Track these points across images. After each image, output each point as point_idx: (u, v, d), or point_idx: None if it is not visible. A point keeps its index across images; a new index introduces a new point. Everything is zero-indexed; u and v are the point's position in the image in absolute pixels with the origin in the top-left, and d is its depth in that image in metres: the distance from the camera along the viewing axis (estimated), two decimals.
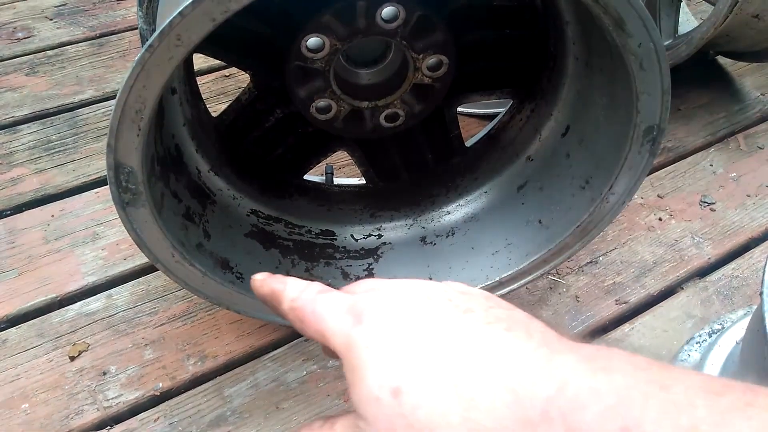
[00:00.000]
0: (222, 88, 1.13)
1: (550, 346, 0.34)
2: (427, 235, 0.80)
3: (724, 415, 0.28)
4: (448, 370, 0.34)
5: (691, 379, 0.30)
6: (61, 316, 0.78)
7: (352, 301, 0.40)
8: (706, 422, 0.28)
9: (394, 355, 0.36)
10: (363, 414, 0.36)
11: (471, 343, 0.35)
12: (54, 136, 1.03)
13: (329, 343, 0.39)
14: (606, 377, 0.31)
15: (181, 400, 0.71)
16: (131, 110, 0.48)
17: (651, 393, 0.30)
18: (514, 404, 0.32)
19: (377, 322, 0.38)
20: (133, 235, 0.56)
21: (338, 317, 0.39)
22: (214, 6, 0.44)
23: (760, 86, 1.18)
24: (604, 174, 0.66)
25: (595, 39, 0.62)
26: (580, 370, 0.32)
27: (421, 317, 0.37)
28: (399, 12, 0.62)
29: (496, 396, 0.33)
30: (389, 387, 0.35)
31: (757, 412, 0.28)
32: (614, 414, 0.30)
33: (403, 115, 0.72)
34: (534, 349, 0.34)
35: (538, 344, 0.34)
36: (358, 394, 0.36)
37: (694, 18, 1.20)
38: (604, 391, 0.31)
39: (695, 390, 0.30)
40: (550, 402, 0.31)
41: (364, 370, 0.36)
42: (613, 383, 0.31)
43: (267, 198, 0.76)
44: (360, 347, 0.37)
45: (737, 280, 0.86)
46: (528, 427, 0.32)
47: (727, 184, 0.99)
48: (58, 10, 1.30)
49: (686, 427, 0.28)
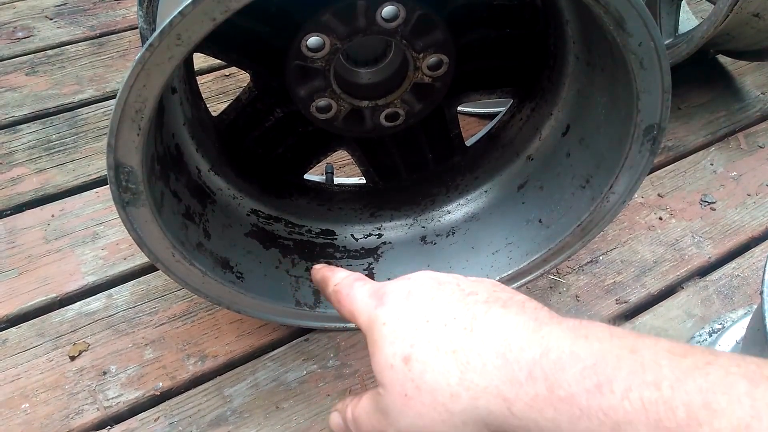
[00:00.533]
0: (222, 87, 1.13)
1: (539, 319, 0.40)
2: (428, 234, 0.80)
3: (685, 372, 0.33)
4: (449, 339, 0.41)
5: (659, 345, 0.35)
6: (61, 316, 0.78)
7: (378, 287, 0.48)
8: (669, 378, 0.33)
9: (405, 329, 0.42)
10: (381, 381, 0.43)
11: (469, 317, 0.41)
12: (54, 135, 1.03)
13: (356, 321, 0.47)
14: (585, 343, 0.36)
15: (181, 400, 0.71)
16: (131, 110, 0.48)
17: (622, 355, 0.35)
18: (503, 366, 0.38)
19: (394, 304, 0.45)
20: (134, 234, 0.56)
21: (365, 300, 0.47)
22: (214, 5, 0.44)
23: (761, 85, 1.18)
24: (605, 173, 0.66)
25: (596, 38, 0.62)
26: (563, 337, 0.37)
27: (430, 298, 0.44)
28: (399, 11, 0.62)
29: (488, 359, 0.39)
30: (401, 355, 0.42)
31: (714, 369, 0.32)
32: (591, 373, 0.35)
33: (403, 114, 0.72)
34: (524, 322, 0.39)
35: (528, 318, 0.40)
36: (377, 364, 0.43)
37: (695, 17, 1.20)
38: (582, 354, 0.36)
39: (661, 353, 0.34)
40: (534, 364, 0.37)
41: (382, 343, 0.43)
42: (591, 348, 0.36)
43: (267, 197, 0.76)
44: (379, 324, 0.44)
45: (737, 279, 0.86)
46: (515, 385, 0.37)
47: (727, 183, 0.99)
48: (58, 9, 1.30)
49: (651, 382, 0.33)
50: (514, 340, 0.38)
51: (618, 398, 0.33)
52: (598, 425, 0.33)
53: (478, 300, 0.42)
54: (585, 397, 0.34)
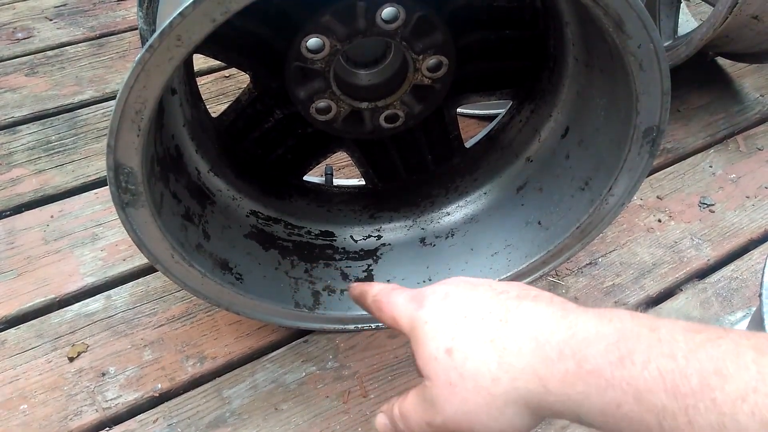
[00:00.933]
0: (222, 88, 1.13)
1: (567, 309, 0.43)
2: (427, 236, 0.80)
3: (699, 344, 0.36)
4: (486, 330, 0.45)
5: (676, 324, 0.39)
6: (60, 317, 0.78)
7: (416, 292, 0.51)
8: (683, 350, 0.36)
9: (446, 325, 0.46)
10: (426, 374, 0.46)
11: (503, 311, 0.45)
12: (53, 136, 1.03)
13: (399, 324, 0.51)
14: (609, 324, 0.40)
15: (180, 401, 0.71)
16: (131, 110, 0.48)
17: (642, 333, 0.39)
18: (536, 349, 0.42)
19: (433, 304, 0.48)
20: (133, 235, 0.56)
21: (405, 305, 0.50)
22: (214, 6, 0.44)
23: (760, 87, 1.18)
24: (604, 175, 0.66)
25: (595, 40, 0.62)
26: (588, 321, 0.41)
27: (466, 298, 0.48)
28: (399, 13, 0.62)
29: (523, 344, 0.42)
30: (444, 348, 0.45)
31: (725, 342, 0.36)
32: (614, 348, 0.38)
33: (402, 115, 0.72)
34: (553, 311, 0.43)
35: (556, 308, 0.44)
36: (421, 359, 0.47)
37: (694, 19, 1.21)
38: (606, 333, 0.40)
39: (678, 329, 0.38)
40: (564, 344, 0.41)
41: (425, 340, 0.47)
42: (614, 327, 0.40)
43: (266, 199, 0.76)
44: (421, 323, 0.48)
45: (736, 281, 0.86)
46: (548, 363, 0.41)
47: (726, 186, 0.99)
48: (58, 10, 1.30)
49: (667, 353, 0.37)
50: (545, 326, 0.42)
51: (638, 369, 0.37)
52: (622, 394, 0.37)
53: (510, 296, 0.46)
54: (610, 370, 0.38)
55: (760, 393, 0.33)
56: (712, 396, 0.34)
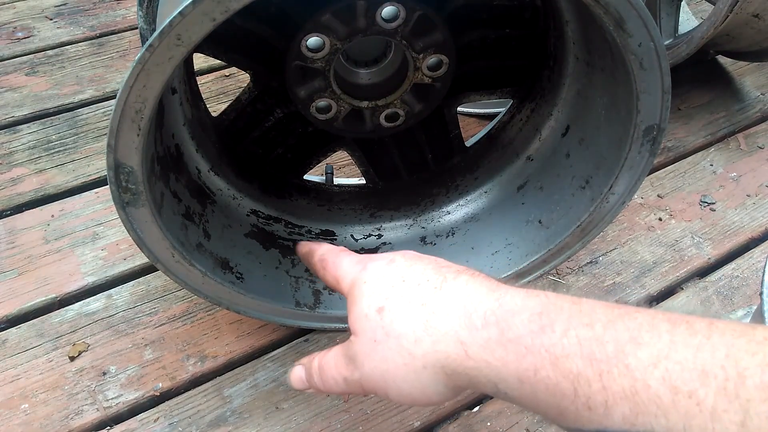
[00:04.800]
0: (222, 87, 1.13)
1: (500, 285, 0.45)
2: (427, 235, 0.80)
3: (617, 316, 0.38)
4: (420, 295, 0.46)
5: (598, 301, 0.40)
6: (60, 317, 0.78)
7: (363, 257, 0.53)
8: (602, 321, 0.38)
9: (382, 286, 0.48)
10: (354, 330, 0.47)
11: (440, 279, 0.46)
12: (54, 136, 1.03)
13: (340, 284, 0.52)
14: (535, 298, 0.42)
15: (180, 401, 0.71)
16: (131, 110, 0.48)
17: (565, 306, 0.40)
18: (463, 315, 0.43)
19: (376, 268, 0.50)
20: (133, 235, 0.56)
21: (350, 266, 0.52)
22: (214, 6, 0.44)
23: (761, 86, 1.18)
24: (605, 174, 0.66)
25: (596, 38, 0.62)
26: (517, 295, 0.43)
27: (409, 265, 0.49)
28: (399, 11, 0.62)
29: (451, 310, 0.44)
30: (375, 307, 0.47)
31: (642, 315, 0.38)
32: (536, 318, 0.40)
33: (403, 114, 0.72)
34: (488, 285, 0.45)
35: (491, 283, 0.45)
36: (353, 315, 0.48)
37: (695, 17, 1.20)
38: (531, 305, 0.41)
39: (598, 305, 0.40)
40: (490, 312, 0.42)
41: (360, 297, 0.48)
42: (539, 301, 0.41)
43: (267, 198, 0.76)
44: (361, 282, 0.49)
45: (737, 280, 0.86)
46: (473, 330, 0.42)
47: (727, 184, 0.99)
48: (58, 9, 1.30)
49: (587, 323, 0.38)
50: (476, 296, 0.44)
51: (558, 336, 0.38)
52: (540, 360, 0.39)
53: (451, 270, 0.47)
54: (530, 338, 0.39)
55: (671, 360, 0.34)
56: (626, 362, 0.35)
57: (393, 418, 0.71)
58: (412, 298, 0.46)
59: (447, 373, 0.43)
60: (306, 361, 0.53)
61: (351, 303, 0.49)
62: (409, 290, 0.46)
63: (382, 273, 0.49)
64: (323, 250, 0.58)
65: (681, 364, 0.34)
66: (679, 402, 0.33)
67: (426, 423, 0.71)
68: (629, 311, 0.38)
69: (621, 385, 0.35)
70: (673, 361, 0.34)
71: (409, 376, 0.44)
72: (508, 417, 0.71)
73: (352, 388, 0.49)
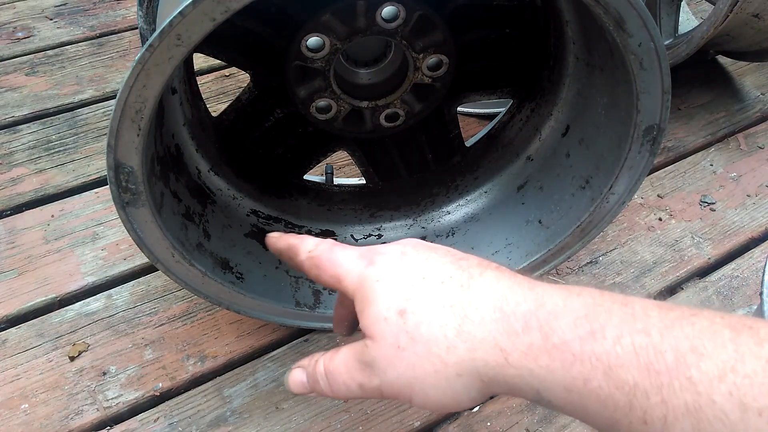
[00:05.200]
0: (222, 87, 1.13)
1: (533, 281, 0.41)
2: (427, 235, 0.80)
3: (673, 321, 0.35)
4: (446, 295, 0.41)
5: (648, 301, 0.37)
6: (60, 317, 0.78)
7: (365, 250, 0.47)
8: (657, 326, 0.35)
9: (400, 284, 0.43)
10: (371, 334, 0.43)
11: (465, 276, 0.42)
12: (54, 136, 1.03)
13: (343, 283, 0.46)
14: (578, 298, 0.38)
15: (180, 401, 0.71)
16: (131, 110, 0.48)
17: (614, 308, 0.37)
18: (500, 319, 0.39)
19: (387, 263, 0.45)
20: (133, 235, 0.56)
21: (352, 262, 0.46)
22: (214, 5, 0.44)
23: (761, 86, 1.18)
24: (605, 174, 0.66)
25: (596, 38, 0.62)
26: (557, 294, 0.39)
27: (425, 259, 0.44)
28: (399, 11, 0.62)
29: (486, 313, 0.40)
30: (396, 308, 0.42)
31: (699, 320, 0.35)
32: (583, 322, 0.37)
33: (403, 114, 0.72)
34: (519, 281, 0.41)
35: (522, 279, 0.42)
36: (368, 318, 0.43)
37: (695, 17, 1.20)
38: (575, 306, 0.38)
39: (650, 306, 0.36)
40: (530, 315, 0.38)
41: (375, 297, 0.43)
42: (584, 302, 0.38)
43: (267, 198, 0.76)
44: (372, 280, 0.44)
45: (737, 280, 0.86)
46: (513, 335, 0.38)
47: (727, 184, 0.99)
48: (58, 9, 1.30)
49: (641, 329, 0.35)
50: (511, 296, 0.40)
51: (610, 344, 0.35)
52: (590, 369, 0.35)
53: (471, 264, 0.44)
54: (578, 344, 0.36)
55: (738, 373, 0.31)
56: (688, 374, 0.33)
57: (393, 418, 0.71)
58: (438, 299, 0.41)
59: (484, 381, 0.40)
60: (306, 364, 0.49)
61: (363, 304, 0.44)
62: (433, 289, 0.42)
63: (396, 269, 0.44)
64: (310, 245, 0.50)
65: (750, 378, 0.31)
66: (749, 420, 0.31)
67: (426, 423, 0.71)
68: (684, 314, 0.35)
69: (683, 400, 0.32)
70: (741, 375, 0.31)
71: (441, 384, 0.41)
72: (508, 417, 0.71)
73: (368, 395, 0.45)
